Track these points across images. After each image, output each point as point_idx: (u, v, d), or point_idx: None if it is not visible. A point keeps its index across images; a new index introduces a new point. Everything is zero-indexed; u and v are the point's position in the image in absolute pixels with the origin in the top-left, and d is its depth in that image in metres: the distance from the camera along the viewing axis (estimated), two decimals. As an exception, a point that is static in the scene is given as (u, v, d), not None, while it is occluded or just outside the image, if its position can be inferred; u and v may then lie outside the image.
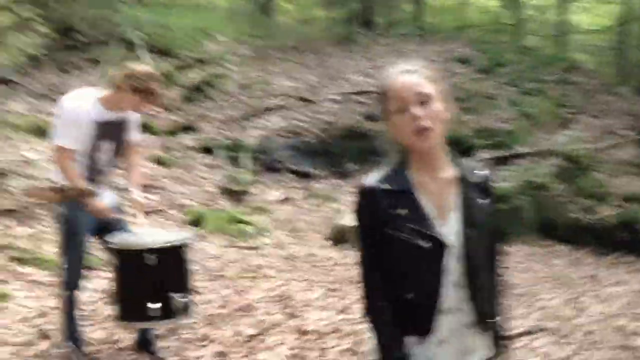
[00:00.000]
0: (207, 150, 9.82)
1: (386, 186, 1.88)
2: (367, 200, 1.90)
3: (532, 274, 6.54)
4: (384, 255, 1.89)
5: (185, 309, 3.72)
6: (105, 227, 3.86)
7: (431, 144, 1.84)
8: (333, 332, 4.71)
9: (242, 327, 4.67)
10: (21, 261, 5.40)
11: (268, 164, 9.79)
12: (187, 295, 3.75)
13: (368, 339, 4.67)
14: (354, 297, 5.44)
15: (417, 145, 1.82)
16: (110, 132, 3.88)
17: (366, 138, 10.11)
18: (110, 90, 3.86)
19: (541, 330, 4.97)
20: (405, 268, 1.87)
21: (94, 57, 12.21)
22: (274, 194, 8.95)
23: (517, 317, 5.24)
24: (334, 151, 10.01)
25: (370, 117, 10.40)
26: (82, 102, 3.80)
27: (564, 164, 9.18)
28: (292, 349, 4.41)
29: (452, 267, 1.85)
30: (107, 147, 3.89)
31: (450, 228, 1.85)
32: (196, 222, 6.85)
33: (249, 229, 6.79)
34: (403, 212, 1.85)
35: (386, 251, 1.88)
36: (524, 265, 6.84)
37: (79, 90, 4.01)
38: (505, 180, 8.89)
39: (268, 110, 10.73)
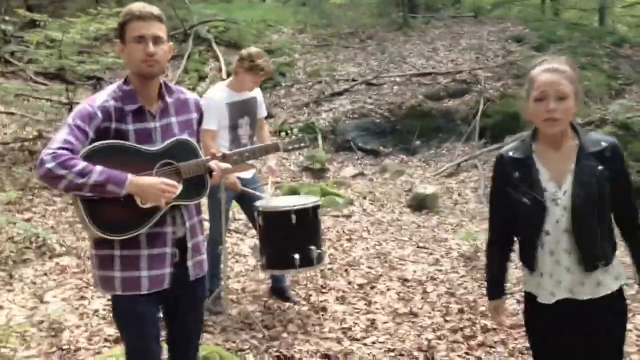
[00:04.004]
0: (282, 133, 10.72)
1: (512, 154, 2.54)
2: (498, 165, 2.60)
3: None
4: (505, 208, 2.57)
5: (319, 259, 4.60)
6: (245, 196, 4.79)
7: (556, 131, 2.40)
8: (429, 280, 5.57)
9: (353, 278, 5.56)
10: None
11: (340, 144, 10.67)
12: (320, 247, 4.63)
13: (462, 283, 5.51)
14: (440, 252, 6.30)
15: (544, 130, 2.43)
16: (244, 109, 4.82)
17: (429, 116, 10.89)
18: (233, 77, 4.80)
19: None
20: (518, 218, 2.53)
21: (170, 53, 13.23)
22: (348, 170, 9.82)
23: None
24: (400, 130, 10.82)
25: (431, 97, 11.17)
26: (215, 91, 4.77)
27: (618, 132, 9.78)
28: (398, 293, 5.28)
29: (563, 218, 2.41)
30: (244, 122, 4.82)
31: (564, 188, 2.41)
32: (290, 195, 7.75)
33: (338, 199, 7.66)
34: (519, 175, 2.49)
35: (506, 205, 2.56)
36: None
37: (214, 85, 4.98)
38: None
39: (335, 94, 11.57)
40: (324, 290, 5.30)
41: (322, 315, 4.83)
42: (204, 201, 5.64)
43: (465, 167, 9.69)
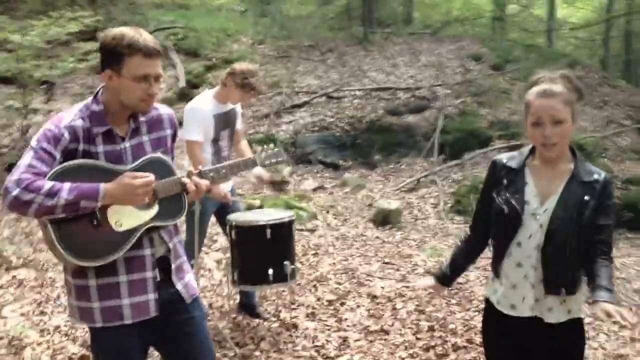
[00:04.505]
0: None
1: (507, 162, 2.58)
2: (491, 169, 2.63)
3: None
4: (489, 210, 2.60)
5: (292, 274, 4.52)
6: (223, 208, 4.68)
7: (554, 155, 2.42)
8: (398, 296, 5.54)
9: (322, 294, 5.49)
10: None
11: (300, 156, 10.62)
12: (294, 262, 4.55)
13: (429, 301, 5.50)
14: (407, 269, 6.29)
15: (543, 154, 2.46)
16: (226, 121, 4.69)
17: (389, 131, 10.96)
18: (220, 87, 4.66)
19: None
20: (495, 223, 2.57)
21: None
22: (309, 183, 9.78)
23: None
24: (360, 144, 10.85)
25: (391, 112, 11.25)
26: (202, 102, 4.62)
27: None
28: (368, 310, 5.24)
29: (537, 234, 2.43)
30: (225, 135, 4.70)
31: (546, 206, 2.43)
32: (254, 209, 7.64)
33: (302, 213, 7.59)
34: (507, 183, 2.53)
35: (489, 208, 2.59)
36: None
37: (200, 94, 4.83)
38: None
39: (296, 106, 11.53)
40: (293, 307, 5.22)
41: (294, 332, 4.75)
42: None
43: (424, 183, 9.77)
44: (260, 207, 6.43)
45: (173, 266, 2.46)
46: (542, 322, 2.51)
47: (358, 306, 5.32)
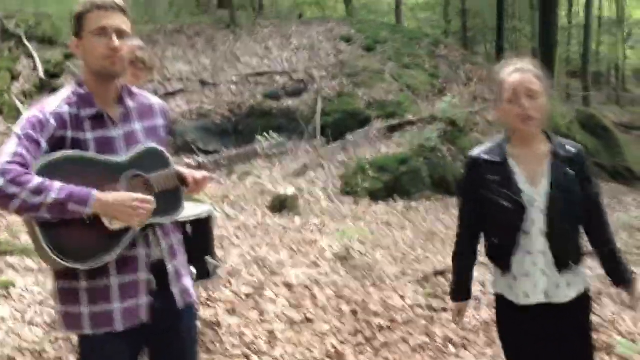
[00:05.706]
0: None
1: (487, 157, 2.52)
2: (472, 167, 2.56)
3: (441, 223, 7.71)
4: (479, 210, 2.54)
5: (215, 270, 4.30)
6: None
7: (533, 129, 2.45)
8: (314, 283, 5.48)
9: (237, 288, 5.29)
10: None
11: (180, 146, 10.20)
12: (215, 257, 4.34)
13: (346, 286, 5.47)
14: (315, 254, 6.25)
15: (521, 129, 2.45)
16: None
17: (270, 115, 10.82)
18: None
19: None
20: (493, 220, 2.52)
21: (-26, 50, 11.79)
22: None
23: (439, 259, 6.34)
24: (242, 130, 10.62)
25: (270, 96, 11.10)
26: None
27: (447, 128, 10.47)
28: (288, 299, 5.13)
29: (538, 219, 2.43)
30: None
31: (539, 190, 2.44)
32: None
33: (197, 206, 7.28)
34: (495, 178, 2.48)
35: (480, 207, 2.54)
36: (431, 217, 8.00)
37: None
38: (401, 145, 10.04)
39: (170, 94, 11.04)
40: (210, 304, 4.99)
41: (218, 330, 4.54)
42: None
43: (311, 166, 9.75)
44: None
45: (169, 267, 2.25)
46: (552, 306, 2.50)
47: (277, 296, 5.19)
